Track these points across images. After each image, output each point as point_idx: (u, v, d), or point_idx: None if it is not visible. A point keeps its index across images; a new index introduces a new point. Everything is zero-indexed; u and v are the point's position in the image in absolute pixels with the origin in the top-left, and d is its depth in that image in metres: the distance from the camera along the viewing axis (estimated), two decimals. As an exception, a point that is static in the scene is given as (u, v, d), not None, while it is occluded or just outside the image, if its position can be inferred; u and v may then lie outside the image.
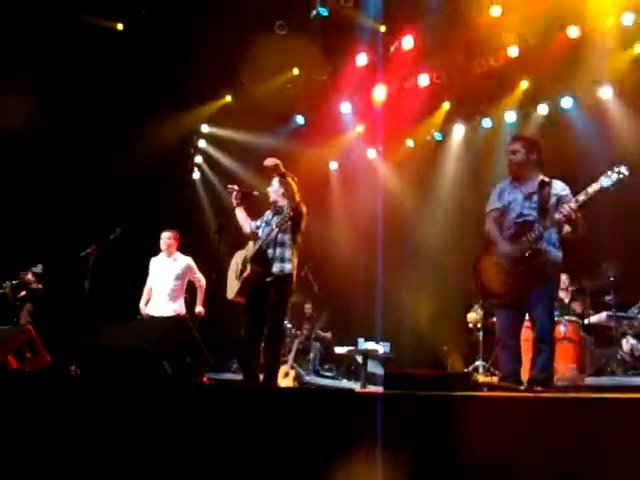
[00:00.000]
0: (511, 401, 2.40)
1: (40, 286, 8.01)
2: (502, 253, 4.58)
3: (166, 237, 7.17)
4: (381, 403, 2.52)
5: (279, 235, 5.31)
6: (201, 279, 7.20)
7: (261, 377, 5.21)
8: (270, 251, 5.29)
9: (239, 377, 6.81)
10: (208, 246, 6.44)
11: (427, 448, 2.38)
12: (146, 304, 7.11)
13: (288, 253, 5.29)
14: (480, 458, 2.26)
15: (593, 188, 4.31)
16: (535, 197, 4.62)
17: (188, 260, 7.19)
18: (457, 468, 2.29)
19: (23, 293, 7.95)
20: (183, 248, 7.30)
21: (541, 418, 2.22)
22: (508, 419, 2.26)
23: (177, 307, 7.02)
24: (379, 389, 5.67)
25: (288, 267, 5.26)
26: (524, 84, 9.05)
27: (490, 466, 2.23)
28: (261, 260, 5.27)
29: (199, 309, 7.13)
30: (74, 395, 3.46)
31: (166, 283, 7.05)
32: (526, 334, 4.93)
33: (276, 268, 5.23)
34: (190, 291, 7.31)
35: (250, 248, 5.40)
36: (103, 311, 7.03)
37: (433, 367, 8.40)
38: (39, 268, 8.06)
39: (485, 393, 3.12)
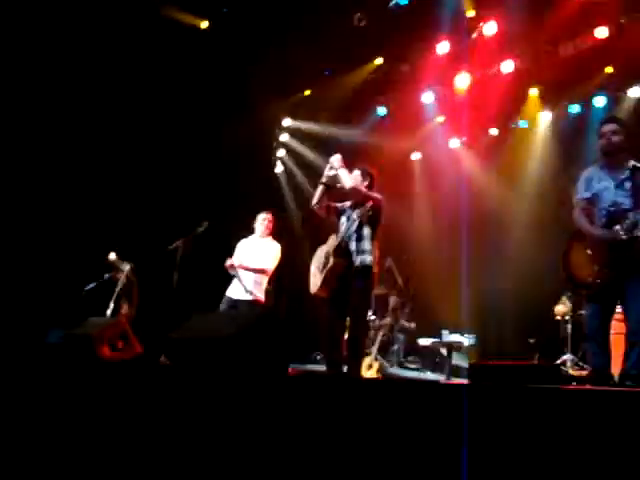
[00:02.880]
0: (602, 395, 2.33)
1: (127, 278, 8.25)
2: (594, 242, 4.43)
3: (265, 218, 7.12)
4: (465, 395, 2.50)
5: (359, 228, 5.35)
6: (269, 268, 6.96)
7: (344, 368, 5.25)
8: (351, 244, 5.33)
9: (322, 368, 6.86)
10: (291, 239, 6.53)
11: (512, 441, 2.34)
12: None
13: (368, 245, 5.32)
14: (566, 453, 2.21)
15: None
16: (628, 184, 4.45)
17: (278, 247, 7.05)
18: (542, 461, 2.25)
19: (121, 284, 8.25)
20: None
21: (633, 414, 2.15)
22: (598, 414, 2.20)
23: (258, 292, 6.90)
24: (464, 381, 5.61)
25: (369, 259, 5.29)
26: (613, 67, 8.68)
27: (577, 462, 2.18)
28: (343, 253, 5.32)
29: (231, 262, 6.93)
30: (164, 385, 3.59)
31: (252, 265, 6.93)
32: (616, 327, 4.77)
33: (357, 261, 5.27)
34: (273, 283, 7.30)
35: (332, 242, 5.46)
36: (192, 303, 7.25)
37: (520, 359, 8.22)
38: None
39: (574, 386, 3.05)
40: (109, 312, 7.88)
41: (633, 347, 4.23)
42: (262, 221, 7.12)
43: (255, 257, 7.00)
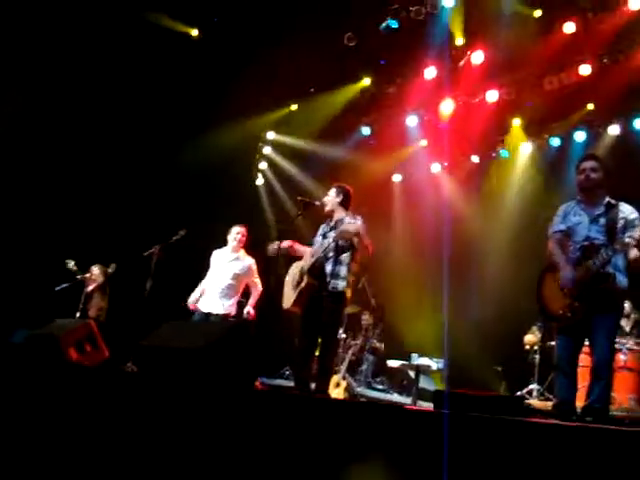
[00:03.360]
0: (561, 430, 2.35)
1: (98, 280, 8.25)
2: (566, 276, 4.47)
3: (238, 232, 7.03)
4: (430, 422, 2.51)
5: (339, 252, 5.32)
6: (258, 284, 7.06)
7: (312, 386, 5.24)
8: (327, 266, 5.31)
9: (291, 383, 6.84)
10: (266, 252, 6.51)
11: (472, 470, 2.35)
12: (200, 297, 6.99)
13: (344, 271, 5.29)
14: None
15: None
16: (602, 220, 4.50)
17: (251, 261, 7.04)
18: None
19: (91, 287, 8.21)
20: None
21: (592, 450, 2.17)
22: (557, 448, 2.22)
23: (229, 305, 6.88)
24: (430, 405, 5.63)
25: (342, 284, 5.27)
26: (595, 103, 8.83)
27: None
28: (317, 274, 5.30)
29: (248, 309, 6.98)
30: (129, 391, 3.56)
31: (223, 278, 6.90)
32: (584, 360, 4.81)
33: (330, 285, 5.24)
34: (245, 294, 7.30)
35: (307, 260, 5.45)
36: (164, 310, 7.19)
37: (486, 387, 8.26)
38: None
39: (535, 419, 3.07)
40: (78, 314, 7.85)
41: (597, 381, 4.28)
42: (235, 235, 7.04)
43: (228, 271, 6.96)
